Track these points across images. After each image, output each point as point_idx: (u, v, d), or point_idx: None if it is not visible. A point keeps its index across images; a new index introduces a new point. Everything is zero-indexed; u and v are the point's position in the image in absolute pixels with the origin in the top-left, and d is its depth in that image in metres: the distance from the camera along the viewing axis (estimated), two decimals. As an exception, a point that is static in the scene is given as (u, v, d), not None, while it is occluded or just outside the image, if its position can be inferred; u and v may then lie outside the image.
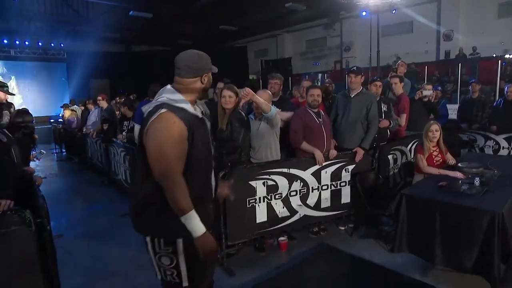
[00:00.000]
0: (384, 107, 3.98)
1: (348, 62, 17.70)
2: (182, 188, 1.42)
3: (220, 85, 3.94)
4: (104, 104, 6.46)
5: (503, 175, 3.16)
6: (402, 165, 4.24)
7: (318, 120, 3.40)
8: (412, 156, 4.36)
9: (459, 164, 3.44)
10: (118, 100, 9.66)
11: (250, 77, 17.52)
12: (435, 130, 3.63)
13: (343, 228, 3.74)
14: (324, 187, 3.48)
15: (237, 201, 2.82)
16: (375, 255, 3.10)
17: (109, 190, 5.75)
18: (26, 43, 13.68)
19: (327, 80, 5.52)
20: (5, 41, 13.40)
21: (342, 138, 3.70)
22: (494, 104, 5.85)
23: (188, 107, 1.52)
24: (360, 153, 3.57)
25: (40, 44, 13.98)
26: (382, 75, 11.01)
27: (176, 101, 1.50)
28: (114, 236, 3.83)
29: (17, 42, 13.59)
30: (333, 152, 3.44)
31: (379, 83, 4.13)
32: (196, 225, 1.44)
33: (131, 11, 14.36)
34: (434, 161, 3.60)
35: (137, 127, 4.22)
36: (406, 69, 5.19)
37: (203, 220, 1.48)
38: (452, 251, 2.55)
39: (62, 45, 14.51)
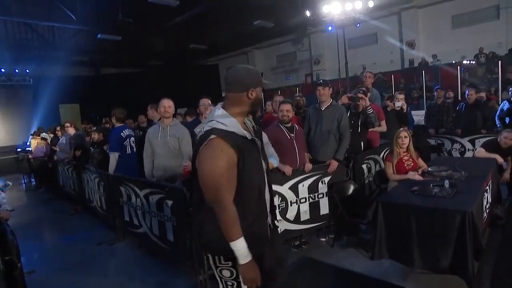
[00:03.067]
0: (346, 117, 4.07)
1: (319, 74, 18.23)
2: (231, 216, 1.47)
3: (205, 101, 3.99)
4: (71, 130, 6.31)
5: (470, 176, 3.33)
6: (376, 173, 4.37)
7: (289, 135, 3.45)
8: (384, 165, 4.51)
9: (429, 169, 3.58)
10: (86, 126, 9.47)
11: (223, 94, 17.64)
12: (404, 136, 3.80)
13: (324, 239, 3.77)
14: (302, 200, 3.52)
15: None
16: (357, 264, 3.14)
17: (82, 218, 5.54)
18: (-12, 69, 13.20)
19: (297, 94, 5.65)
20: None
21: (316, 151, 3.78)
22: (457, 107, 6.19)
23: (238, 129, 1.54)
24: (334, 165, 3.64)
25: (3, 70, 13.51)
26: (351, 85, 11.40)
27: (226, 125, 1.52)
28: (91, 266, 3.69)
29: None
30: (308, 166, 3.49)
31: (348, 94, 4.29)
32: (242, 253, 1.49)
33: (99, 34, 14.23)
34: (406, 166, 3.75)
35: (112, 156, 4.15)
36: (373, 79, 5.40)
37: (256, 239, 1.57)
38: (429, 253, 2.64)
39: (27, 70, 14.08)
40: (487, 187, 3.35)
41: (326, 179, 3.67)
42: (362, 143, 4.17)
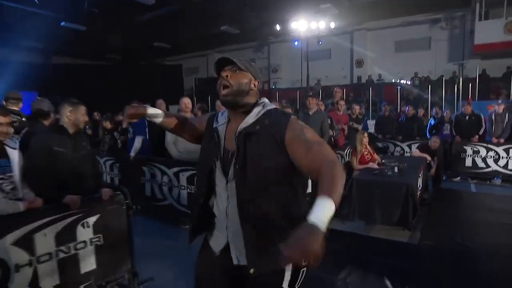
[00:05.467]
0: (329, 121, 5.55)
1: (276, 82, 19.91)
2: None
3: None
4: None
5: (409, 166, 4.96)
6: (344, 164, 5.87)
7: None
8: (348, 158, 6.03)
9: (383, 161, 5.15)
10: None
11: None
12: (364, 137, 5.33)
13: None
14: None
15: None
16: (336, 226, 4.52)
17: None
18: None
19: (284, 102, 7.02)
20: None
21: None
22: (399, 119, 8.05)
23: None
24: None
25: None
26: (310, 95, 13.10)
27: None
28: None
29: None
30: None
31: (320, 102, 5.74)
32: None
33: (63, 22, 14.23)
34: (366, 159, 5.27)
35: (138, 139, 5.04)
36: (341, 94, 6.97)
37: None
38: (385, 212, 4.13)
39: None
40: (420, 174, 4.99)
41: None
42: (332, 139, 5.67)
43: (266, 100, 1.47)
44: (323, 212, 1.04)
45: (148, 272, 3.19)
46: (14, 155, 2.38)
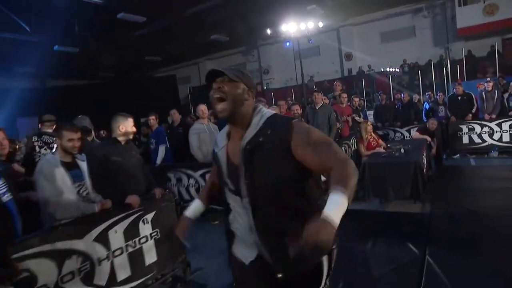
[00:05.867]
0: (334, 114, 6.01)
1: (268, 83, 20.40)
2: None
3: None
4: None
5: (413, 147, 5.43)
6: (352, 152, 6.34)
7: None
8: (355, 147, 6.50)
9: (388, 145, 5.62)
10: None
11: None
12: (368, 125, 5.80)
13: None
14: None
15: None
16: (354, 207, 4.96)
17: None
18: None
19: (290, 101, 7.49)
20: None
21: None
22: (396, 106, 8.54)
23: None
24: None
25: None
26: (306, 91, 13.60)
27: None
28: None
29: None
30: None
31: (324, 97, 6.22)
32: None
33: (56, 46, 14.58)
34: (373, 145, 5.73)
35: (162, 148, 5.45)
36: (341, 87, 7.45)
37: None
38: (397, 189, 4.58)
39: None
40: (424, 153, 5.45)
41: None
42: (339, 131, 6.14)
43: (262, 107, 1.44)
44: (336, 206, 1.07)
45: (194, 264, 3.56)
46: (84, 166, 2.78)
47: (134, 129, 3.20)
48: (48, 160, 2.60)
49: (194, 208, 1.69)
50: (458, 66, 13.03)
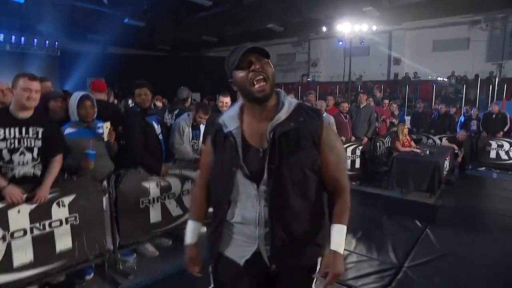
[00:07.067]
0: (375, 114, 7.09)
1: (314, 76, 21.31)
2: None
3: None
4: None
5: (438, 151, 6.46)
6: (386, 148, 7.44)
7: (345, 119, 6.37)
8: (389, 144, 7.57)
9: (418, 147, 6.68)
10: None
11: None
12: (404, 127, 6.85)
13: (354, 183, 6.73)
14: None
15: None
16: (375, 192, 6.11)
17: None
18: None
19: (338, 96, 8.62)
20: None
21: (355, 131, 6.71)
22: (432, 116, 9.41)
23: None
24: (365, 140, 6.62)
25: (35, 40, 15.35)
26: (350, 88, 14.51)
27: None
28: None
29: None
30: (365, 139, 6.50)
31: (370, 98, 7.30)
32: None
33: (126, 19, 16.39)
34: (405, 145, 6.78)
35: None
36: (380, 92, 8.47)
37: None
38: (417, 181, 5.68)
39: (56, 42, 16.05)
40: (447, 158, 6.45)
41: (360, 148, 6.61)
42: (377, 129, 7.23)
43: (282, 91, 1.42)
44: (341, 238, 1.35)
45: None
46: (202, 128, 4.12)
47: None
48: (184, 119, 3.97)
49: (192, 231, 1.55)
50: (506, 85, 13.33)
